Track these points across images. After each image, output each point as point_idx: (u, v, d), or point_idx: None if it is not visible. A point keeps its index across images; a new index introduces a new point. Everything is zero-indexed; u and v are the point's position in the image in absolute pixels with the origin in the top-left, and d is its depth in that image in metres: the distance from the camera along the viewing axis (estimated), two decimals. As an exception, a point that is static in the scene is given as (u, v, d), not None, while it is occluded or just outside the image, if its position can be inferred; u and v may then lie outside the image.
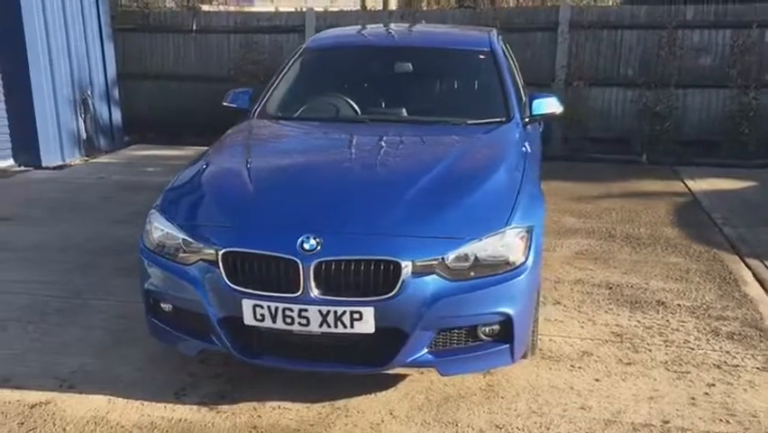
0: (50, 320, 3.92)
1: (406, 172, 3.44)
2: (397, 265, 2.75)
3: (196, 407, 3.06)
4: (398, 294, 2.75)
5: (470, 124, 4.12)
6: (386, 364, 2.89)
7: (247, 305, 2.83)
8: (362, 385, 3.17)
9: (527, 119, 4.25)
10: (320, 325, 2.79)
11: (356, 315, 2.77)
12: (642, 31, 8.81)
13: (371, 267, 2.76)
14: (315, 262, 2.77)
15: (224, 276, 2.86)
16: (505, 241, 2.91)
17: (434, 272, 2.80)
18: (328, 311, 2.77)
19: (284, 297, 2.80)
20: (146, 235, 3.20)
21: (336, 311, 2.77)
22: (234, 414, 3.01)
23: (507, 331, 2.94)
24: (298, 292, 2.78)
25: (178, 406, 3.07)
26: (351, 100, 4.35)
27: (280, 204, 3.13)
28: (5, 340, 3.70)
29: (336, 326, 2.79)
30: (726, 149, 8.62)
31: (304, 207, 3.08)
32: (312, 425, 2.94)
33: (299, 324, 2.81)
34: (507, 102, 4.24)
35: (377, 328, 2.79)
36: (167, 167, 7.67)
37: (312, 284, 2.77)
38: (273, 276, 2.81)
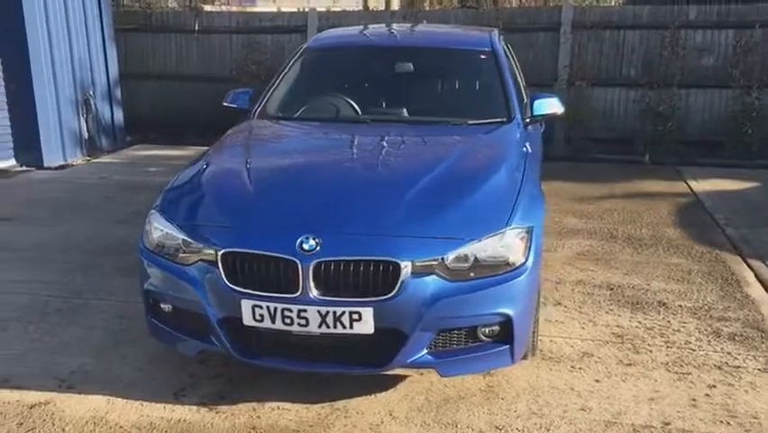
0: (51, 320, 3.93)
1: (406, 173, 3.43)
2: (396, 266, 2.74)
3: (195, 407, 3.06)
4: (398, 295, 2.75)
5: (470, 125, 4.11)
6: (385, 365, 2.88)
7: (246, 305, 2.83)
8: (362, 386, 3.16)
9: (528, 119, 4.24)
10: (319, 325, 2.78)
11: (355, 315, 2.76)
12: (644, 31, 8.81)
13: (371, 267, 2.75)
14: (315, 262, 2.76)
15: (224, 276, 2.85)
16: (505, 241, 2.90)
17: (434, 273, 2.79)
18: (327, 312, 2.76)
19: (283, 297, 2.79)
20: (146, 236, 3.20)
21: (335, 312, 2.76)
22: (234, 415, 3.01)
23: (507, 332, 2.93)
24: (297, 293, 2.77)
25: (178, 406, 3.07)
26: (351, 100, 4.34)
27: (280, 204, 3.13)
28: (6, 340, 3.70)
29: (335, 326, 2.78)
30: (729, 149, 8.59)
31: (303, 208, 3.08)
32: (311, 426, 2.93)
33: (298, 324, 2.80)
34: (508, 102, 4.23)
35: (376, 329, 2.78)
36: (168, 167, 7.67)
37: (311, 285, 2.76)
38: (272, 276, 2.81)
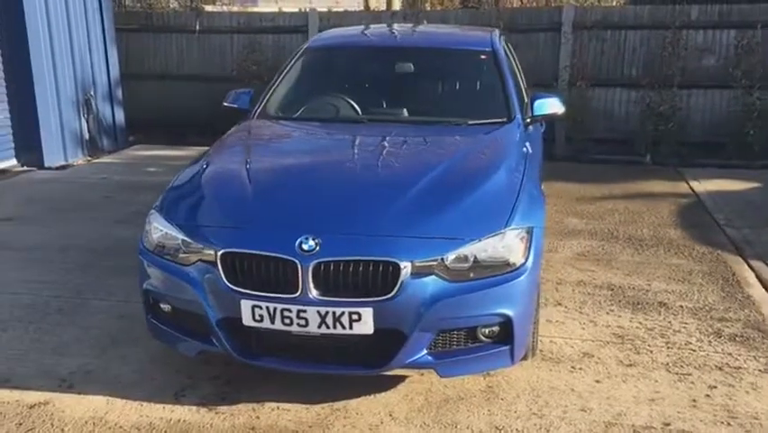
0: (51, 320, 3.93)
1: (405, 173, 3.43)
2: (396, 266, 2.74)
3: (194, 408, 3.06)
4: (397, 295, 2.74)
5: (471, 125, 4.10)
6: (385, 366, 2.88)
7: (246, 306, 2.82)
8: (361, 386, 3.16)
9: (529, 119, 4.23)
10: (319, 326, 2.78)
11: (355, 316, 2.75)
12: (645, 31, 8.78)
13: (370, 268, 2.75)
14: (314, 262, 2.75)
15: (223, 277, 2.85)
16: (505, 242, 2.90)
17: (434, 273, 2.78)
18: (327, 312, 2.76)
19: (283, 297, 2.79)
20: (145, 236, 3.20)
21: (335, 312, 2.76)
22: (233, 415, 3.00)
23: (507, 332, 2.93)
24: (297, 293, 2.77)
25: (177, 407, 3.06)
26: (351, 100, 4.34)
27: (279, 204, 3.13)
28: (6, 340, 3.70)
29: (335, 327, 2.77)
30: (730, 150, 8.56)
31: (303, 208, 3.07)
32: (310, 426, 2.93)
33: (298, 325, 2.80)
34: (509, 102, 4.23)
35: (376, 329, 2.78)
36: (169, 167, 7.66)
37: (311, 285, 2.76)
38: (272, 277, 2.80)
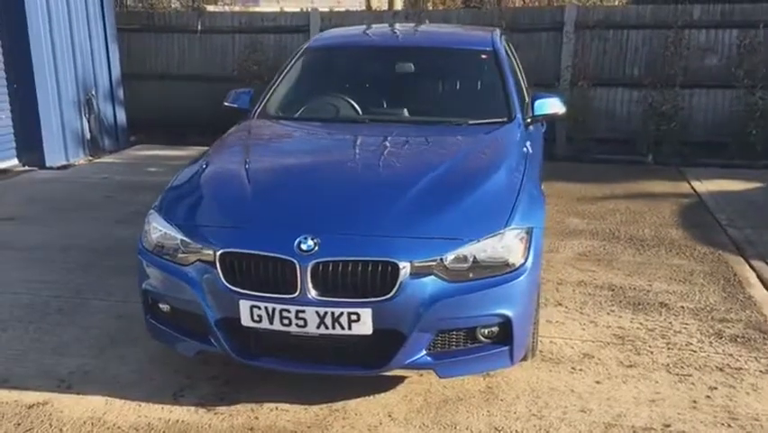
0: (51, 320, 3.92)
1: (405, 173, 3.42)
2: (395, 266, 2.73)
3: (193, 408, 3.05)
4: (396, 295, 2.73)
5: (471, 125, 4.09)
6: (384, 366, 2.86)
7: (244, 306, 2.81)
8: (361, 387, 3.15)
9: (529, 119, 4.22)
10: (317, 326, 2.77)
11: (354, 316, 2.74)
12: (648, 30, 8.76)
13: (369, 268, 2.74)
14: (313, 262, 2.75)
15: (222, 277, 2.84)
16: (504, 242, 2.89)
17: (433, 273, 2.77)
18: (325, 312, 2.75)
19: (281, 298, 2.78)
20: (145, 236, 3.20)
21: (334, 312, 2.75)
22: (232, 415, 3.00)
23: (507, 333, 2.92)
24: (296, 293, 2.76)
25: (176, 407, 3.06)
26: (351, 100, 4.33)
27: (278, 204, 3.12)
28: (5, 340, 3.69)
29: (334, 327, 2.77)
30: (732, 150, 8.53)
31: (302, 208, 3.07)
32: (309, 427, 2.92)
33: (297, 325, 2.79)
34: (509, 102, 4.22)
35: (375, 330, 2.77)
36: (170, 167, 7.63)
37: (309, 285, 2.75)
38: (270, 277, 2.79)
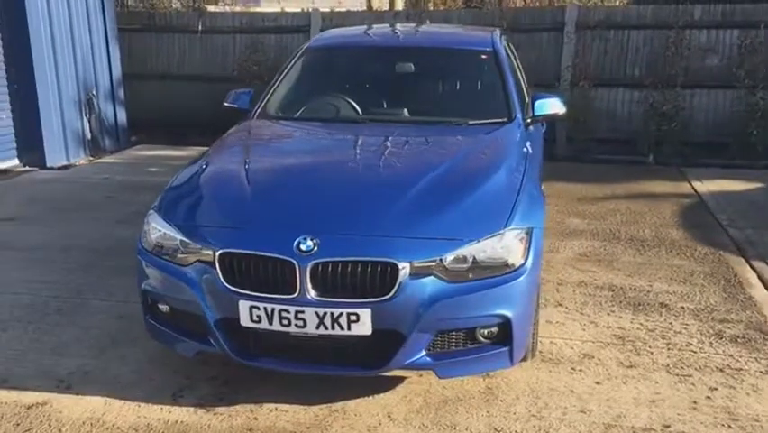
0: (51, 320, 3.92)
1: (405, 173, 3.41)
2: (394, 267, 2.73)
3: (192, 409, 3.05)
4: (396, 296, 2.73)
5: (471, 125, 4.09)
6: (383, 367, 2.86)
7: (243, 306, 2.81)
8: (360, 387, 3.14)
9: (530, 120, 4.22)
10: (317, 327, 2.77)
11: (353, 317, 2.74)
12: (649, 31, 8.75)
13: (368, 268, 2.74)
14: (312, 263, 2.74)
15: (221, 277, 2.84)
16: (504, 242, 2.88)
17: (432, 274, 2.77)
18: (325, 313, 2.75)
19: (281, 298, 2.78)
20: (144, 236, 3.20)
21: (333, 313, 2.74)
22: (231, 416, 2.99)
23: (506, 333, 2.91)
24: (295, 294, 2.76)
25: (175, 408, 3.05)
26: (351, 100, 4.33)
27: (278, 205, 3.12)
28: (5, 340, 3.69)
29: (333, 327, 2.76)
30: (733, 150, 8.52)
31: (301, 208, 3.06)
32: (308, 427, 2.92)
33: (296, 326, 2.78)
34: (509, 102, 4.21)
35: (374, 330, 2.76)
36: (171, 167, 7.62)
37: (309, 285, 2.75)
38: (270, 277, 2.79)
